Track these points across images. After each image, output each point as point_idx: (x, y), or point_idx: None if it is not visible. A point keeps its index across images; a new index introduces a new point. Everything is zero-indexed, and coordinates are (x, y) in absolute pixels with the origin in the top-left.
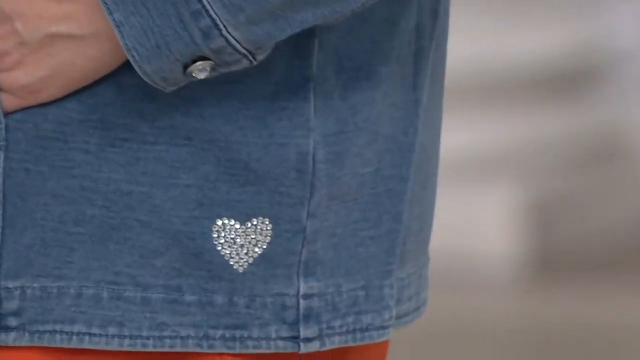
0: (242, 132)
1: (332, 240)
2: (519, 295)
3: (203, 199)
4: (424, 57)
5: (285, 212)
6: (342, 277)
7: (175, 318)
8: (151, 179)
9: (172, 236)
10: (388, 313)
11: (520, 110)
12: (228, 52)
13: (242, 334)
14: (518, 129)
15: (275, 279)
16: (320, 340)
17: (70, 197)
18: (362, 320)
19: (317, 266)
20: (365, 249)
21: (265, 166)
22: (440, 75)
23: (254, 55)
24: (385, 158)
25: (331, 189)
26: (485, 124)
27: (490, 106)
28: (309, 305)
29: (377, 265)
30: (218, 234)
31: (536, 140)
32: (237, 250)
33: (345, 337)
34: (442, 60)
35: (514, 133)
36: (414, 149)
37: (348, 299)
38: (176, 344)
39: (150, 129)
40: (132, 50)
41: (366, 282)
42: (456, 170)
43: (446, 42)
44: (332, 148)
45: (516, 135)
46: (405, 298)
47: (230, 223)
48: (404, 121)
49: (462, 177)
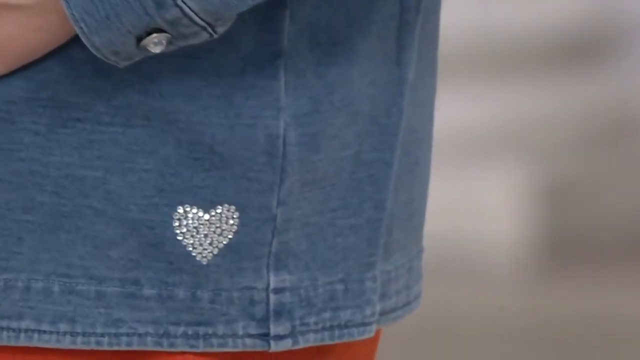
0: (206, 112)
1: (306, 229)
2: (525, 288)
3: (163, 184)
4: (408, 32)
5: (254, 199)
6: (318, 270)
7: (132, 314)
8: (106, 163)
9: (129, 225)
10: (370, 309)
11: (527, 85)
12: (184, 24)
13: (206, 331)
14: (524, 105)
15: (243, 271)
16: (293, 338)
17: (18, 182)
18: (341, 316)
19: (290, 258)
20: (344, 239)
21: (231, 149)
22: (431, 50)
23: (214, 27)
24: (366, 141)
25: (304, 174)
26: (489, 100)
27: (494, 80)
28: (280, 300)
29: (358, 256)
30: (179, 223)
31: (544, 117)
32: (200, 240)
33: (321, 334)
34: (433, 34)
35: (520, 109)
36: (398, 131)
37: (324, 294)
38: (133, 342)
39: (105, 108)
40: (79, 21)
41: (345, 275)
42: (457, 150)
43: (438, 13)
44: (305, 129)
45: (522, 112)
46: (392, 292)
47: (193, 211)
48: (387, 101)
49: (463, 157)
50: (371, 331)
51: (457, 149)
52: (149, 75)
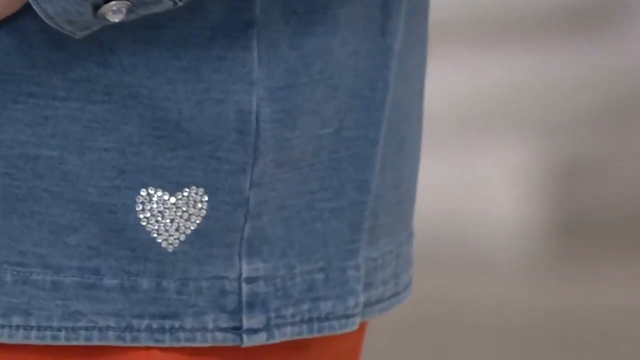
0: (171, 86)
1: (282, 213)
2: (529, 276)
3: (125, 165)
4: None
5: (224, 181)
6: (295, 258)
7: (92, 306)
8: (63, 141)
9: (89, 209)
10: (353, 299)
11: (530, 53)
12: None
13: (172, 324)
14: (527, 75)
15: (212, 259)
16: (268, 331)
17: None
18: (321, 307)
19: (264, 244)
20: (324, 223)
21: (200, 127)
22: (421, 19)
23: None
24: (348, 117)
25: (280, 154)
26: (488, 69)
27: (495, 48)
28: (253, 291)
29: (339, 242)
30: (143, 207)
31: (550, 88)
32: (166, 225)
33: (299, 327)
34: (423, 1)
35: (523, 80)
36: (383, 106)
37: (303, 283)
38: (93, 337)
39: (61, 82)
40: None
41: (325, 262)
42: (454, 125)
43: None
44: (280, 105)
45: (525, 83)
46: (378, 281)
47: (158, 194)
48: (371, 73)
49: (460, 132)
50: (354, 324)
51: (454, 123)
52: (108, 46)
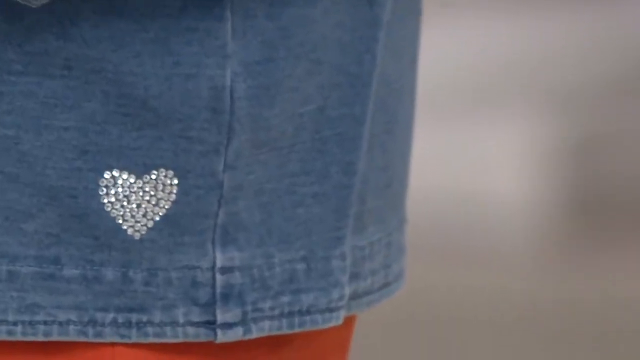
0: (138, 60)
1: (260, 198)
2: (539, 264)
3: (87, 145)
4: None
5: (195, 162)
6: (274, 246)
7: (51, 298)
8: (18, 119)
9: (47, 193)
10: (338, 291)
11: (542, 17)
12: None
13: (139, 318)
14: (538, 41)
15: (183, 247)
16: (244, 326)
17: None
18: (302, 300)
19: (240, 231)
20: (306, 209)
21: (169, 104)
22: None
23: None
24: (332, 94)
25: (257, 133)
26: (494, 34)
27: (502, 11)
28: (228, 282)
29: (323, 230)
30: (107, 191)
31: (562, 55)
32: (132, 211)
33: (278, 322)
34: None
35: (533, 46)
36: (371, 81)
37: (282, 274)
38: (52, 331)
39: (16, 55)
40: None
41: (307, 251)
42: (457, 96)
43: None
44: (257, 80)
45: (535, 49)
46: (366, 272)
47: (123, 176)
48: (357, 46)
49: (463, 104)
50: (338, 318)
51: (457, 94)
52: (68, 17)
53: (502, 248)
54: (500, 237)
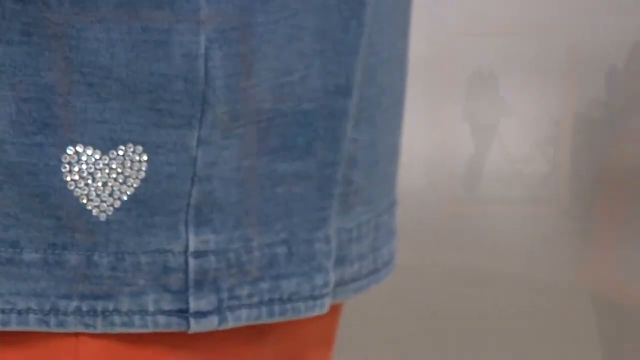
0: (103, 25)
1: (236, 176)
2: (555, 248)
3: (48, 118)
4: None
5: (166, 137)
6: (252, 228)
7: (9, 284)
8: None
9: (5, 170)
10: (322, 277)
11: None
12: None
13: (105, 306)
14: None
15: (153, 229)
16: (220, 314)
17: None
18: (283, 287)
19: (215, 212)
20: (286, 188)
21: (137, 73)
22: None
23: None
24: (315, 63)
25: (233, 106)
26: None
27: None
28: (201, 267)
29: (305, 210)
30: (70, 168)
31: (572, 20)
32: (97, 190)
33: (257, 310)
34: None
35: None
36: (357, 49)
37: (262, 258)
38: (11, 321)
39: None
40: None
41: (289, 234)
42: (458, 63)
43: None
44: (234, 48)
45: (545, 9)
46: (353, 256)
47: (88, 152)
48: (342, 11)
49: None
50: (322, 306)
51: (455, 61)
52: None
53: (506, 233)
54: (505, 216)
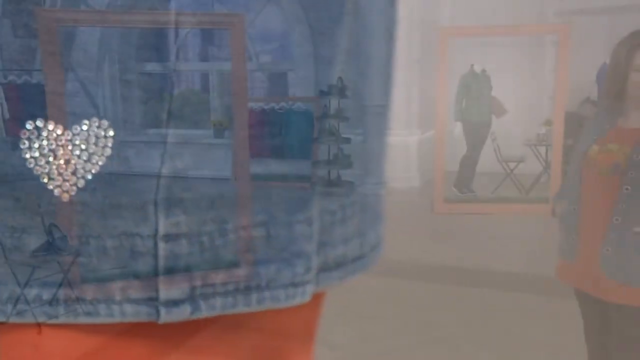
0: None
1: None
2: (550, 243)
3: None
4: None
5: (134, 110)
6: (226, 208)
7: None
8: None
9: None
10: (303, 263)
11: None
12: None
13: (68, 294)
14: None
15: (120, 211)
16: (193, 303)
17: None
18: (260, 273)
19: (187, 192)
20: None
21: (100, 41)
22: None
23: None
24: (296, 28)
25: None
26: None
27: None
28: (173, 251)
29: (285, 190)
30: (29, 144)
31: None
32: (59, 168)
33: (232, 299)
34: None
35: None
36: (342, 18)
37: (237, 242)
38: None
39: None
40: None
41: (267, 215)
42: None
43: None
44: (207, 16)
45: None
46: (337, 239)
47: (49, 127)
48: None
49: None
50: (304, 294)
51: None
52: None
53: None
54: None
